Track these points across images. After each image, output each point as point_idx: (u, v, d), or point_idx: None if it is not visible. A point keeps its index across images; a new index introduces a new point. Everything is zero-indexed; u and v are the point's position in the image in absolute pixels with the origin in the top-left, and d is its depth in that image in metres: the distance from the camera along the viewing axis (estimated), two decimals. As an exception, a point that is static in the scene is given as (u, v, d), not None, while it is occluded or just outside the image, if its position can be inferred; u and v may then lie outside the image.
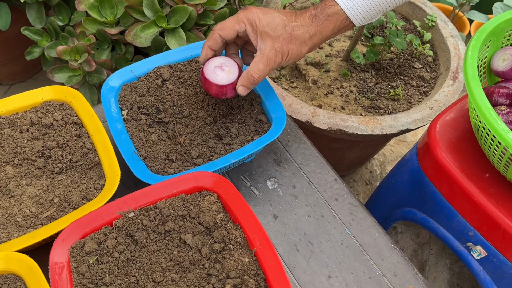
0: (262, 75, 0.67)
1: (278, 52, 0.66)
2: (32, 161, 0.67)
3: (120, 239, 0.59)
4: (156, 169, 0.68)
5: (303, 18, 0.66)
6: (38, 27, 1.23)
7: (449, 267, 1.31)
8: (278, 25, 0.65)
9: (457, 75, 1.15)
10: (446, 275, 1.30)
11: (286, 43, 0.65)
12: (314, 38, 0.67)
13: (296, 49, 0.66)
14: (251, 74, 0.67)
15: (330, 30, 0.67)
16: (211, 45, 0.68)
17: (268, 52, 0.65)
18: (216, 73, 0.69)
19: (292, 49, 0.66)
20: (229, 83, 0.69)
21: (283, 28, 0.65)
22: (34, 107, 0.73)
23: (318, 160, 0.80)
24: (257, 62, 0.66)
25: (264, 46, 0.66)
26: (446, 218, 0.76)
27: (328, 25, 0.66)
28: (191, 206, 0.63)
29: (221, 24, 0.67)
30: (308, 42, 0.67)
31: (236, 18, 0.66)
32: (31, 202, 0.63)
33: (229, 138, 0.72)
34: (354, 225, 0.73)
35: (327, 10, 0.66)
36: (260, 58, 0.66)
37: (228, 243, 0.61)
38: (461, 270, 1.32)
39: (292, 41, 0.66)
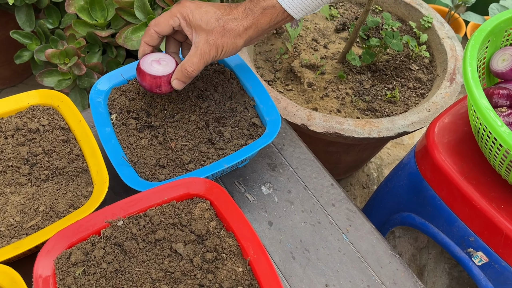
0: (196, 68, 0.66)
1: (212, 45, 0.65)
2: (16, 168, 0.64)
3: (108, 249, 0.57)
4: (146, 175, 0.66)
5: (237, 11, 0.65)
6: (27, 31, 1.20)
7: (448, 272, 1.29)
8: (211, 18, 0.64)
9: (454, 76, 1.13)
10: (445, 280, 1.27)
11: (220, 36, 0.65)
12: (249, 31, 0.66)
13: (231, 42, 0.66)
14: (185, 67, 0.66)
15: (266, 23, 0.66)
16: (147, 41, 0.68)
17: (202, 45, 0.65)
18: (152, 66, 0.68)
19: (226, 42, 0.65)
20: (164, 75, 0.68)
21: (216, 21, 0.64)
22: (20, 111, 0.71)
23: (314, 165, 0.78)
24: (191, 56, 0.65)
25: (198, 40, 0.65)
26: (445, 223, 0.74)
27: (264, 18, 0.65)
28: (183, 214, 0.61)
29: (156, 19, 0.66)
30: (243, 35, 0.66)
31: (170, 13, 0.66)
32: (15, 211, 0.61)
33: (222, 142, 0.70)
34: (352, 232, 0.71)
35: (262, 3, 0.65)
36: (194, 51, 0.65)
37: (221, 252, 0.58)
38: (460, 275, 1.30)
39: (226, 34, 0.65)
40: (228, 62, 0.78)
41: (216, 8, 0.65)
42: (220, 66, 0.79)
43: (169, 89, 0.69)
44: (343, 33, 1.30)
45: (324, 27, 1.31)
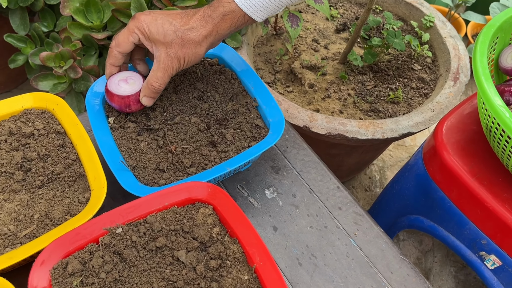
0: (162, 82, 0.66)
1: (173, 58, 0.64)
2: (10, 174, 0.62)
3: (107, 257, 0.54)
4: (145, 180, 0.63)
5: (194, 19, 0.64)
6: (21, 34, 1.17)
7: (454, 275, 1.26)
8: (168, 31, 0.63)
9: (458, 76, 1.11)
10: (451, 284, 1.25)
11: (179, 48, 0.64)
12: (209, 38, 0.65)
13: (192, 52, 0.65)
14: (150, 83, 0.65)
15: (226, 28, 0.65)
16: (112, 62, 0.67)
17: (164, 59, 0.64)
18: (119, 86, 0.68)
19: (187, 53, 0.64)
20: (132, 94, 0.67)
21: (173, 33, 0.63)
22: (13, 116, 0.68)
23: (319, 167, 0.76)
24: (155, 71, 0.65)
25: (159, 54, 0.64)
26: (456, 225, 0.72)
27: (224, 24, 0.64)
28: (184, 220, 0.58)
29: (115, 39, 0.65)
30: (203, 43, 0.65)
31: (128, 30, 0.64)
32: (9, 219, 0.58)
33: (224, 145, 0.67)
34: (360, 236, 0.68)
35: (221, 9, 0.64)
36: (157, 66, 0.65)
37: (226, 260, 0.56)
38: (466, 278, 1.28)
39: (185, 45, 0.64)
40: (228, 62, 0.76)
41: (172, 18, 0.64)
42: (220, 67, 0.76)
43: (139, 107, 0.68)
44: (343, 33, 1.28)
45: (324, 27, 1.29)
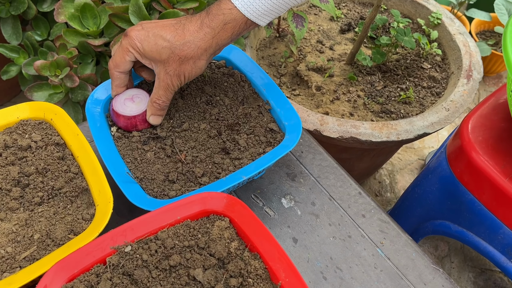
0: (165, 99, 0.62)
1: (172, 76, 0.60)
2: (6, 191, 0.56)
3: (116, 279, 0.49)
4: (154, 192, 0.58)
5: (190, 32, 0.58)
6: (14, 44, 1.12)
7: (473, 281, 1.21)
8: (163, 48, 0.58)
9: (471, 73, 1.07)
10: (470, 290, 1.20)
11: (178, 65, 0.59)
12: (209, 50, 0.59)
13: (191, 67, 0.60)
14: (154, 101, 0.62)
15: (227, 37, 0.59)
16: (118, 84, 0.64)
17: (163, 77, 0.60)
18: (125, 105, 0.64)
19: (186, 69, 0.60)
20: (138, 114, 0.63)
21: (169, 50, 0.58)
22: (8, 127, 0.63)
23: (337, 172, 0.71)
24: (156, 88, 0.62)
25: (158, 71, 0.60)
26: (488, 230, 0.67)
27: (224, 33, 0.59)
28: (199, 234, 0.53)
29: (112, 61, 0.62)
30: (202, 57, 0.59)
31: (121, 49, 0.60)
32: (6, 241, 0.53)
33: (238, 151, 0.62)
34: (387, 245, 0.63)
35: (220, 17, 0.58)
36: (158, 84, 0.61)
37: (247, 277, 0.51)
38: (486, 284, 1.23)
39: (184, 62, 0.59)
40: (237, 64, 0.71)
41: (165, 32, 0.58)
42: (228, 69, 0.71)
43: (146, 126, 0.65)
44: (348, 33, 1.24)
45: (328, 28, 1.25)
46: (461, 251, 1.27)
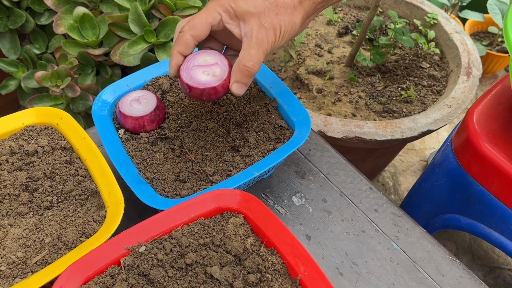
0: (257, 61, 0.54)
1: (268, 28, 0.53)
2: (15, 196, 0.55)
3: (131, 280, 0.48)
4: (166, 192, 0.57)
5: None
6: (12, 58, 1.12)
7: (482, 280, 1.20)
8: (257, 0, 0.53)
9: (470, 70, 1.07)
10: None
11: (274, 16, 0.53)
12: (304, 3, 0.54)
13: (288, 19, 0.54)
14: (243, 64, 0.54)
15: None
16: (182, 51, 0.56)
17: (257, 32, 0.53)
18: (132, 106, 0.62)
19: (283, 21, 0.53)
20: (145, 114, 0.62)
21: (265, 1, 0.53)
22: (14, 134, 0.62)
23: (347, 168, 0.70)
24: (246, 49, 0.54)
25: (250, 27, 0.53)
26: (500, 220, 0.66)
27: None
28: (214, 232, 0.52)
29: (189, 22, 0.55)
30: (299, 8, 0.54)
31: (206, 10, 0.54)
32: (16, 246, 0.51)
33: (248, 149, 0.62)
34: (402, 238, 0.62)
35: None
36: (249, 42, 0.53)
37: (265, 273, 0.50)
38: (495, 282, 1.22)
39: (281, 11, 0.53)
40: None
41: None
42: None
43: (153, 127, 0.63)
44: (346, 36, 1.25)
45: (325, 32, 1.25)
46: (469, 250, 1.27)
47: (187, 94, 0.57)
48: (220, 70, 0.56)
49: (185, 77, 0.56)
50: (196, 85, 0.55)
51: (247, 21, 0.53)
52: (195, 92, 0.56)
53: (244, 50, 0.54)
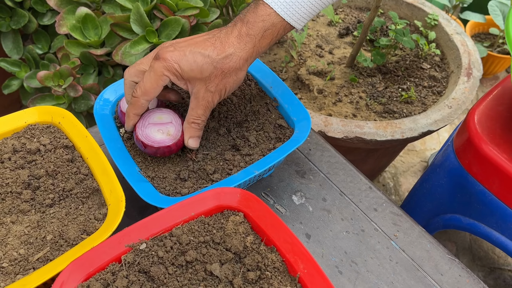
0: (204, 119, 0.59)
1: (214, 92, 0.57)
2: (17, 194, 0.56)
3: (132, 277, 0.48)
4: (166, 190, 0.58)
5: (229, 44, 0.55)
6: (15, 58, 1.12)
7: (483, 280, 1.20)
8: (203, 65, 0.55)
9: (470, 71, 1.07)
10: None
11: (220, 80, 0.56)
12: (249, 60, 0.57)
13: (233, 80, 0.57)
14: (193, 122, 0.58)
15: (266, 44, 0.57)
16: (138, 113, 0.59)
17: (203, 95, 0.57)
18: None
19: (228, 83, 0.57)
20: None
21: (211, 66, 0.55)
22: (16, 132, 0.62)
23: (346, 168, 0.71)
24: (194, 109, 0.58)
25: (197, 90, 0.57)
26: (500, 220, 0.67)
27: (264, 41, 0.56)
28: (214, 230, 0.53)
29: (141, 87, 0.56)
30: (243, 68, 0.57)
31: (155, 74, 0.55)
32: (18, 243, 0.52)
33: (248, 148, 0.62)
34: (401, 237, 0.63)
35: (259, 24, 0.55)
36: (196, 103, 0.57)
37: (265, 270, 0.50)
38: (496, 283, 1.22)
39: (226, 75, 0.56)
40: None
41: (203, 48, 0.55)
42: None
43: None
44: (347, 37, 1.25)
45: (326, 33, 1.26)
46: (469, 250, 1.27)
47: (143, 150, 0.59)
48: (174, 129, 0.60)
49: (141, 135, 0.59)
50: (151, 143, 0.58)
51: (193, 84, 0.56)
52: (150, 149, 0.59)
53: (192, 109, 0.58)
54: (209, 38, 0.56)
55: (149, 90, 0.56)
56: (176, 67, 0.55)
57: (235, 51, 0.55)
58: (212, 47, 0.55)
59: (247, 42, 0.55)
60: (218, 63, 0.55)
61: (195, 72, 0.55)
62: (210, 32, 0.57)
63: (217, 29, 0.57)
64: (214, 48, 0.55)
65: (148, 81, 0.56)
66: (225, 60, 0.55)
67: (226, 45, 0.55)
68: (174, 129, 0.60)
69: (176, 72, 0.55)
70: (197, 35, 0.58)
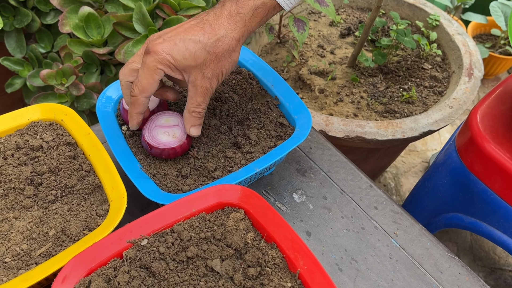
0: (204, 106, 0.58)
1: (211, 78, 0.56)
2: (20, 190, 0.56)
3: (133, 272, 0.48)
4: (168, 187, 0.58)
5: (220, 25, 0.54)
6: (18, 57, 1.13)
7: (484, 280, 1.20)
8: (196, 51, 0.53)
9: (471, 71, 1.08)
10: (481, 289, 1.19)
11: (215, 64, 0.55)
12: (241, 40, 0.56)
13: (228, 62, 0.56)
14: (193, 111, 0.58)
15: (257, 24, 0.56)
16: (140, 111, 0.58)
17: (201, 82, 0.56)
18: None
19: (224, 66, 0.56)
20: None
21: (204, 51, 0.54)
22: (19, 129, 0.63)
23: (347, 166, 0.71)
24: (193, 97, 0.57)
25: (194, 78, 0.56)
26: (502, 219, 0.67)
27: (255, 19, 0.55)
28: (215, 226, 0.53)
29: (138, 85, 0.55)
30: (237, 48, 0.56)
31: (148, 69, 0.54)
32: (21, 238, 0.52)
33: (249, 145, 0.62)
34: (401, 235, 0.63)
35: (250, 2, 0.54)
36: (195, 91, 0.56)
37: (265, 266, 0.50)
38: (496, 283, 1.22)
39: (221, 58, 0.55)
40: (244, 62, 0.72)
41: (193, 34, 0.53)
42: (236, 67, 0.72)
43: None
44: (348, 38, 1.26)
45: (328, 33, 1.26)
46: (470, 251, 1.27)
47: (148, 152, 0.60)
48: (180, 132, 0.60)
49: (147, 136, 0.60)
50: (156, 145, 0.59)
51: (189, 72, 0.55)
52: (155, 151, 0.59)
53: (191, 98, 0.57)
54: (197, 23, 0.55)
55: (146, 87, 0.55)
56: (168, 58, 0.53)
57: (227, 32, 0.54)
58: (201, 32, 0.54)
59: (237, 22, 0.54)
60: (211, 47, 0.54)
61: (189, 60, 0.54)
62: (197, 16, 0.56)
63: (205, 12, 0.56)
64: (204, 32, 0.53)
65: (144, 78, 0.55)
66: (218, 43, 0.54)
67: (216, 27, 0.54)
68: (180, 131, 0.60)
69: (169, 63, 0.54)
70: (185, 22, 0.56)
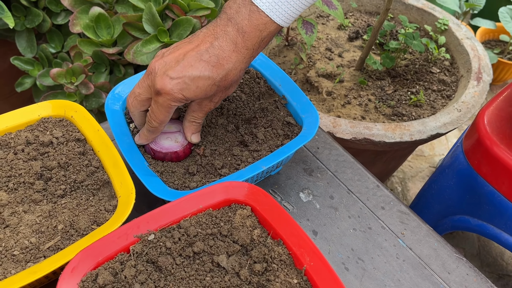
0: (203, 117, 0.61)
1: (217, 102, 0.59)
2: (29, 184, 0.57)
3: (140, 266, 0.49)
4: (175, 185, 0.58)
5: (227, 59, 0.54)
6: (29, 56, 1.14)
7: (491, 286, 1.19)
8: (207, 87, 0.54)
9: (480, 75, 1.07)
10: (489, 295, 1.18)
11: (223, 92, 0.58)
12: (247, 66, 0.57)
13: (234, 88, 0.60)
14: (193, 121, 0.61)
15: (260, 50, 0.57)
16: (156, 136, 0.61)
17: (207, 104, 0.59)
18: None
19: (229, 91, 0.59)
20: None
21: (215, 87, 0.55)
22: (30, 125, 0.64)
23: (354, 166, 0.71)
24: (196, 111, 0.60)
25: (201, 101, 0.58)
26: (509, 221, 0.66)
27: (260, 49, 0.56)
28: (221, 223, 0.53)
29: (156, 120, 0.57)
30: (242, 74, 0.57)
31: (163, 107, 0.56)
32: (30, 232, 0.53)
33: (256, 144, 0.63)
34: (408, 235, 0.63)
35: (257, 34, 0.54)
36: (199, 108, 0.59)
37: (271, 263, 0.50)
38: (504, 289, 1.21)
39: (228, 88, 0.58)
40: (252, 62, 0.72)
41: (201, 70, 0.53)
42: (244, 67, 0.72)
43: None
44: (356, 41, 1.26)
45: (336, 36, 1.26)
46: (478, 257, 1.26)
47: (152, 156, 0.62)
48: (182, 137, 0.62)
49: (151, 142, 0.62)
50: (159, 149, 0.61)
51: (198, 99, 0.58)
52: (158, 155, 0.61)
53: (194, 112, 0.60)
54: (201, 54, 0.54)
55: (163, 120, 0.58)
56: (180, 97, 0.55)
57: (234, 65, 0.55)
58: (209, 67, 0.53)
59: (245, 55, 0.55)
60: (220, 82, 0.55)
61: (200, 96, 0.55)
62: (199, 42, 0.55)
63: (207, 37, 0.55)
64: (212, 68, 0.54)
65: (160, 114, 0.57)
66: (227, 77, 0.55)
67: (224, 62, 0.54)
68: (181, 137, 0.62)
69: (182, 100, 0.55)
70: (184, 44, 0.56)
